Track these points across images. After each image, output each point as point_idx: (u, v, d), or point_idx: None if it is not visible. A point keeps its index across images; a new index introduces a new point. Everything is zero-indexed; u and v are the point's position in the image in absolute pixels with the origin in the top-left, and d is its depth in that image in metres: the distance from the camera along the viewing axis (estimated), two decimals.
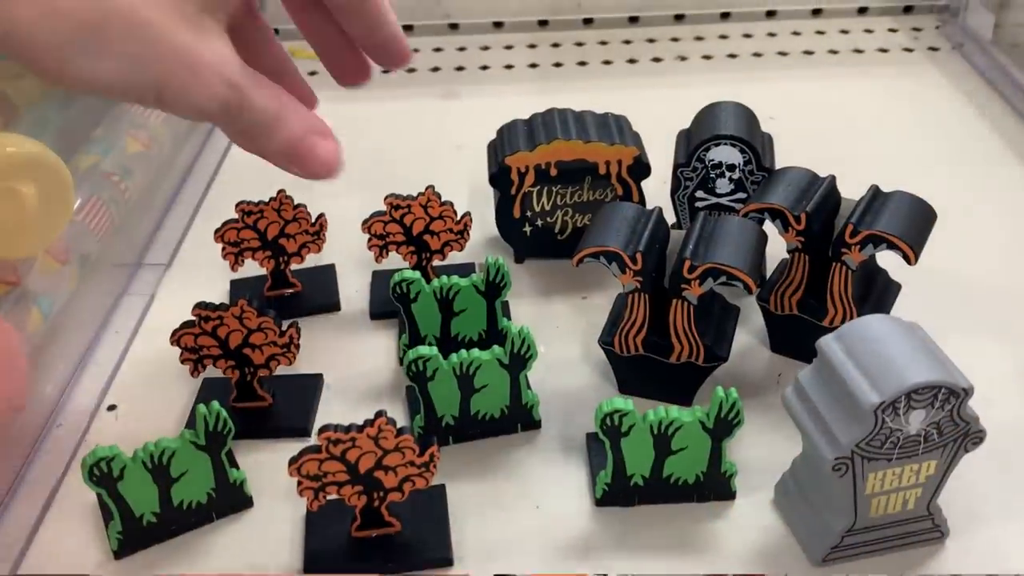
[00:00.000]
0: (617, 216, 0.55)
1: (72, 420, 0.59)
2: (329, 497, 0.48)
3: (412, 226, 0.63)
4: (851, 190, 0.57)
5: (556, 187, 0.61)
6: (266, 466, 0.54)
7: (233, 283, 0.68)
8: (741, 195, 0.63)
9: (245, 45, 0.41)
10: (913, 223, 0.54)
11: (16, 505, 0.54)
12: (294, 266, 0.66)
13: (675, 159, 0.64)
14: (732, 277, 0.52)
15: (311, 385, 0.60)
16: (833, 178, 0.57)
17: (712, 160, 0.62)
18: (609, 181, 0.61)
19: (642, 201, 0.62)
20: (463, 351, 0.53)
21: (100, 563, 0.50)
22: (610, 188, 0.62)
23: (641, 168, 0.61)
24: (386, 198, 0.62)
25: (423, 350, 0.52)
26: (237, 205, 0.63)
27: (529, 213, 0.60)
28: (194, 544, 0.51)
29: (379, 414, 0.46)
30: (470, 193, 0.75)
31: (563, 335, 0.63)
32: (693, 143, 0.62)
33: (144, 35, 0.35)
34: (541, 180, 0.59)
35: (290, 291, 0.66)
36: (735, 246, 0.53)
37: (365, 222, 0.63)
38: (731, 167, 0.62)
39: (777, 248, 0.58)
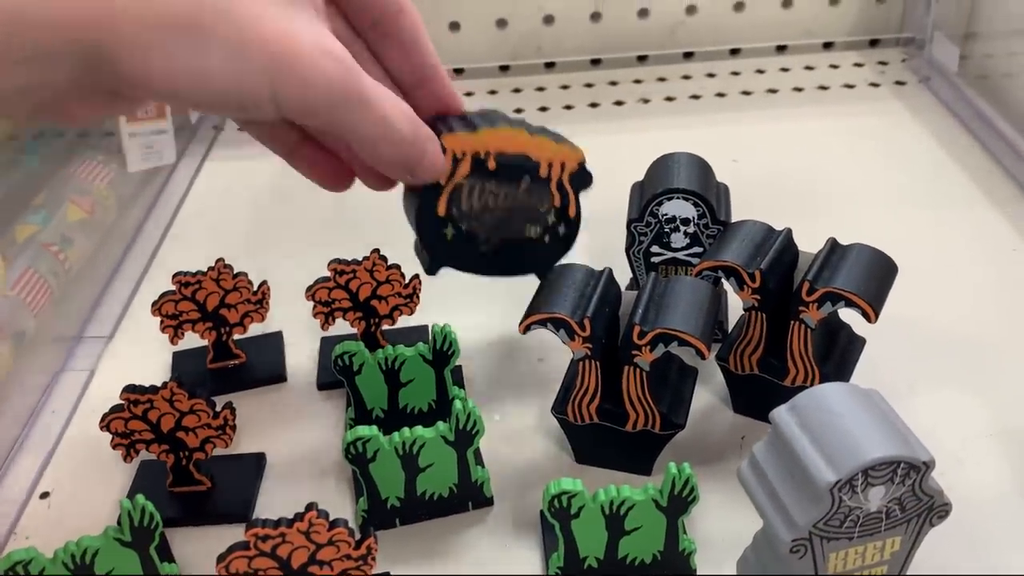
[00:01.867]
0: (565, 279, 0.53)
1: (2, 509, 0.56)
2: None
3: (358, 292, 0.61)
4: (814, 233, 0.55)
5: (490, 184, 0.49)
6: (205, 556, 0.51)
7: (176, 355, 0.65)
8: (697, 249, 0.61)
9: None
10: (872, 278, 0.52)
11: None
12: (238, 336, 0.63)
13: (628, 214, 0.62)
14: (684, 342, 0.49)
15: (252, 466, 0.57)
16: (789, 231, 0.55)
17: (665, 214, 0.59)
18: (548, 187, 0.50)
19: (578, 218, 0.51)
20: (405, 429, 0.50)
21: None
22: (547, 196, 0.50)
23: (584, 177, 0.50)
24: (330, 264, 0.60)
25: (362, 431, 0.49)
26: (174, 277, 0.60)
27: (455, 211, 0.49)
28: None
29: (309, 507, 0.43)
30: None
31: (518, 401, 0.61)
32: (645, 197, 0.60)
33: (239, 19, 0.36)
34: (477, 173, 0.48)
35: (234, 363, 0.64)
36: (686, 309, 0.51)
37: (309, 289, 0.60)
38: (685, 221, 0.60)
39: (739, 303, 0.56)
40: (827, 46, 1.05)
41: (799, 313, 0.53)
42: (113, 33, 0.35)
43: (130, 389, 0.51)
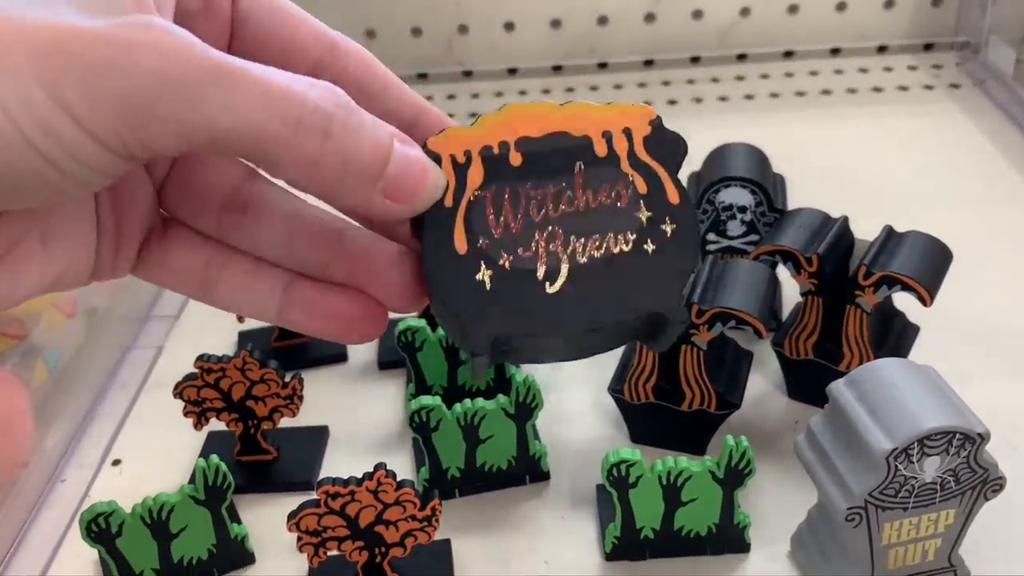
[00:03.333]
0: None
1: (76, 475, 0.58)
2: (330, 553, 0.47)
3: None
4: (868, 230, 0.56)
5: (524, 185, 0.30)
6: (269, 521, 0.53)
7: (241, 334, 0.67)
8: (753, 237, 0.62)
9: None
10: (928, 264, 0.53)
11: (18, 561, 0.53)
12: None
13: None
14: (742, 321, 0.51)
15: (316, 437, 0.59)
16: (846, 219, 0.56)
17: (722, 202, 0.61)
18: (618, 166, 0.30)
19: (685, 203, 0.30)
20: (467, 401, 0.51)
21: None
22: (623, 179, 0.30)
23: (667, 139, 0.31)
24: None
25: (426, 400, 0.51)
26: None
27: (483, 242, 0.30)
28: None
29: (378, 467, 0.45)
30: None
31: (574, 383, 0.62)
32: (702, 185, 0.61)
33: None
34: (498, 175, 0.30)
35: (297, 341, 0.66)
36: (744, 290, 0.52)
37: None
38: (742, 209, 0.61)
39: (794, 291, 0.57)
40: (881, 50, 1.05)
41: (855, 297, 0.54)
42: None
43: (203, 358, 0.53)
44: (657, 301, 0.30)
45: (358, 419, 0.60)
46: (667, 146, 0.31)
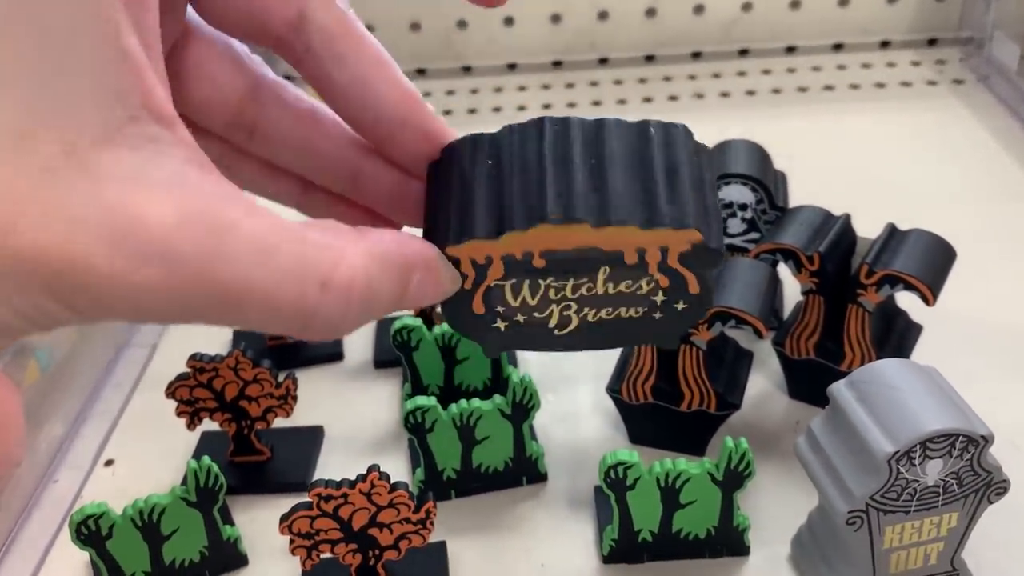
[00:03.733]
0: None
1: (68, 475, 0.58)
2: (323, 556, 0.46)
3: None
4: (870, 228, 0.55)
5: (547, 280, 0.30)
6: (263, 522, 0.53)
7: (236, 333, 0.66)
8: (754, 235, 0.61)
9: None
10: (931, 262, 0.52)
11: (9, 563, 0.53)
12: None
13: None
14: (742, 321, 0.50)
15: (311, 438, 0.58)
16: (848, 216, 0.55)
17: (723, 200, 0.60)
18: (645, 271, 0.30)
19: (706, 293, 0.30)
20: (463, 401, 0.51)
21: None
22: (646, 278, 0.30)
23: (706, 256, 0.29)
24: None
25: (421, 400, 0.50)
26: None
27: (501, 309, 0.31)
28: None
29: (371, 469, 0.44)
30: None
31: (571, 383, 0.61)
32: None
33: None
34: (517, 273, 0.30)
35: (292, 340, 0.65)
36: (744, 288, 0.51)
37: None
38: (743, 206, 0.60)
39: (795, 290, 0.56)
40: (884, 45, 1.04)
41: (857, 296, 0.53)
42: None
43: (196, 357, 0.53)
44: (657, 339, 0.31)
45: (354, 419, 0.60)
46: (704, 259, 0.29)
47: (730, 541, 0.49)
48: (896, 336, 0.56)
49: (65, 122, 0.20)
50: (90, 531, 0.47)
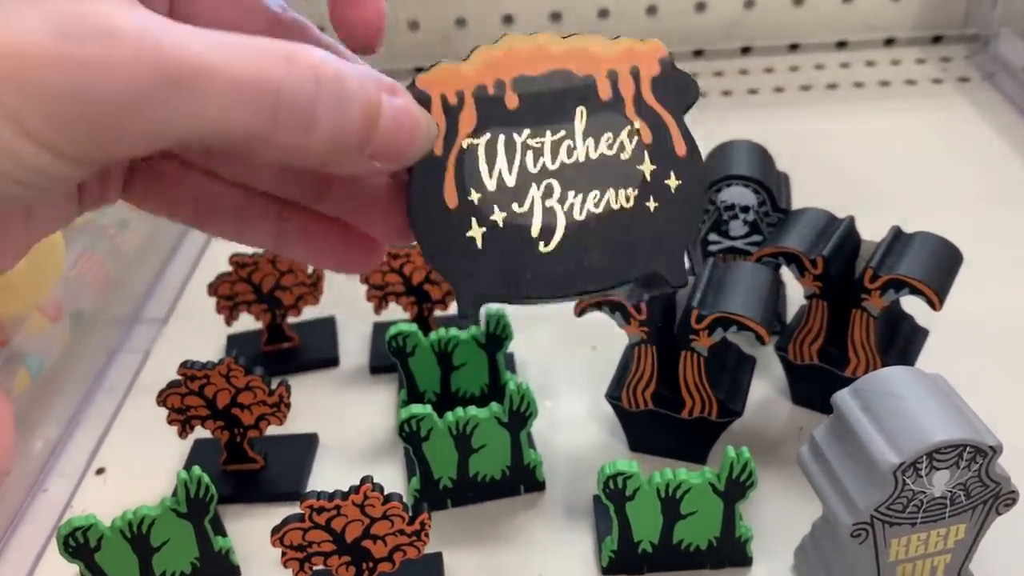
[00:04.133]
0: None
1: (59, 484, 0.57)
2: (316, 568, 0.45)
3: (411, 276, 0.61)
4: (875, 230, 0.54)
5: (521, 134, 0.27)
6: (256, 532, 0.52)
7: (230, 338, 0.65)
8: (756, 238, 0.60)
9: None
10: (937, 266, 0.51)
11: None
12: (292, 319, 0.64)
13: None
14: (743, 327, 0.49)
15: (305, 445, 0.57)
16: (852, 219, 0.54)
17: (724, 202, 0.59)
18: (622, 112, 0.27)
19: (694, 155, 0.28)
20: (459, 409, 0.50)
21: None
22: (628, 128, 0.27)
23: (677, 82, 0.28)
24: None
25: (416, 409, 0.49)
26: (231, 258, 0.60)
27: (475, 196, 0.27)
28: None
29: (364, 480, 0.43)
30: None
31: (571, 389, 0.60)
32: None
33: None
34: (492, 121, 0.27)
35: (287, 345, 0.64)
36: (746, 293, 0.50)
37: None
38: (745, 209, 0.59)
39: (799, 293, 0.55)
40: (889, 42, 1.03)
41: (861, 301, 0.52)
42: None
43: (187, 365, 0.52)
44: (656, 264, 0.28)
45: (349, 426, 0.59)
46: (677, 89, 0.28)
47: (732, 552, 0.48)
48: (901, 341, 0.55)
49: None
50: (78, 543, 0.46)
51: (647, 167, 0.27)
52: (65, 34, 0.22)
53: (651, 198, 0.27)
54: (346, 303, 0.67)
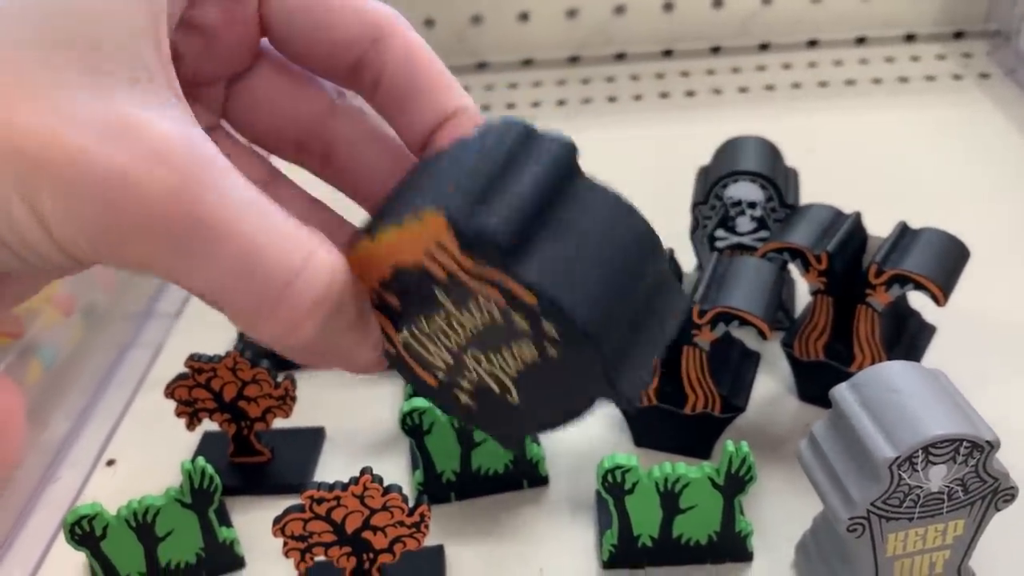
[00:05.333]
0: None
1: (70, 474, 0.58)
2: (317, 558, 0.45)
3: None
4: (889, 227, 0.54)
5: (420, 323, 0.27)
6: (262, 524, 0.52)
7: (242, 334, 0.66)
8: (764, 234, 0.60)
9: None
10: (943, 262, 0.51)
11: (9, 561, 0.53)
12: None
13: (693, 197, 0.61)
14: (744, 322, 0.49)
15: (312, 439, 0.57)
16: (858, 215, 0.54)
17: (731, 197, 0.59)
18: (462, 285, 0.25)
19: (539, 293, 0.24)
20: None
21: None
22: (480, 295, 0.25)
23: (471, 238, 0.24)
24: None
25: (418, 402, 0.49)
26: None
27: (440, 375, 0.27)
28: None
29: (364, 471, 0.43)
30: None
31: None
32: (711, 179, 0.59)
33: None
34: (397, 321, 0.27)
35: None
36: (749, 288, 0.50)
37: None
38: (752, 204, 0.59)
39: (807, 290, 0.55)
40: (909, 38, 1.02)
41: (866, 296, 0.51)
42: None
43: (194, 358, 0.52)
44: (598, 392, 0.26)
45: (355, 420, 0.59)
46: (471, 242, 0.24)
47: (732, 547, 0.48)
48: (908, 337, 0.55)
49: (93, 58, 0.22)
50: (84, 532, 0.46)
51: (521, 322, 0.25)
52: (108, 138, 0.21)
53: (545, 345, 0.25)
54: None
